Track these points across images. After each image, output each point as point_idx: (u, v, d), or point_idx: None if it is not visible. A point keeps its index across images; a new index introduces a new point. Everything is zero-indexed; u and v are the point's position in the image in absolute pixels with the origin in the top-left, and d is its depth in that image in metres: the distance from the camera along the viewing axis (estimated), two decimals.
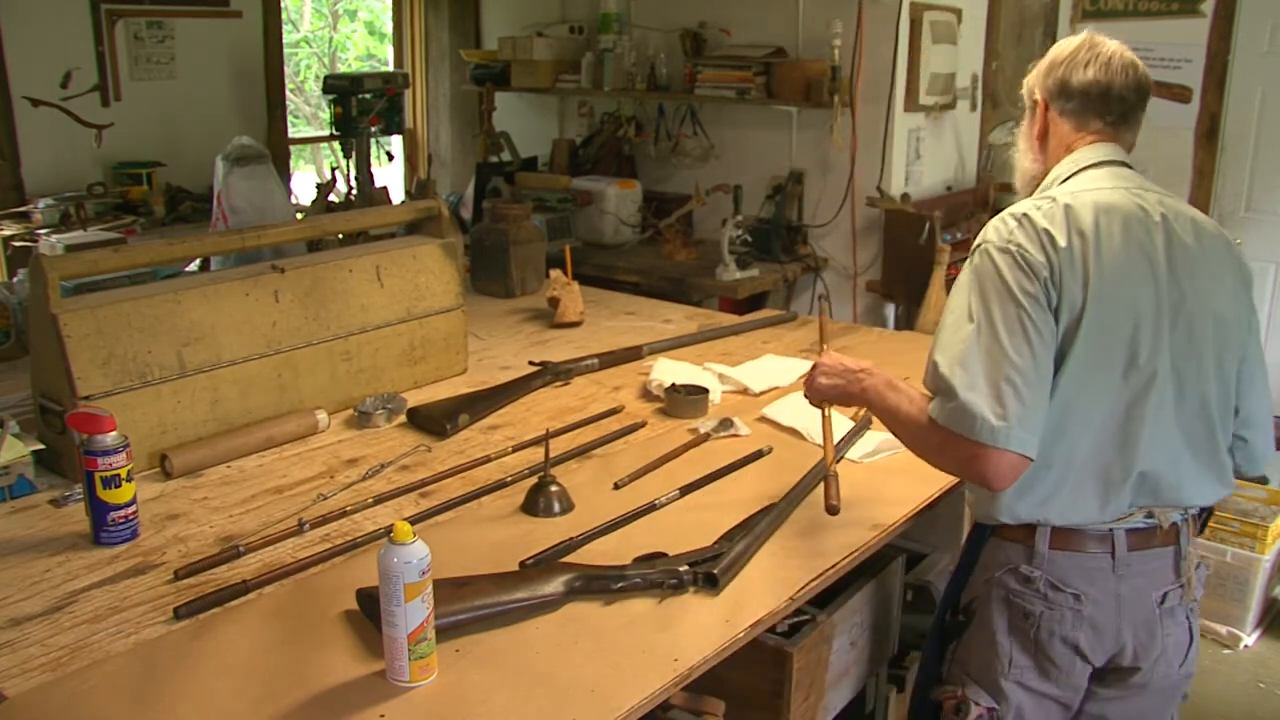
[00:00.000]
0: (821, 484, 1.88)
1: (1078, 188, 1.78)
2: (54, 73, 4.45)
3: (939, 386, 1.67)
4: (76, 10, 4.55)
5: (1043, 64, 1.90)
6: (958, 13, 4.75)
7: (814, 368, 1.97)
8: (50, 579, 1.68)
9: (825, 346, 2.09)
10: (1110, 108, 1.83)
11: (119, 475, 1.78)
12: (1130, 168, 1.84)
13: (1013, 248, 1.69)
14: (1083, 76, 1.82)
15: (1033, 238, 1.69)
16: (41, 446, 2.06)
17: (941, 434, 1.66)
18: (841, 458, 2.17)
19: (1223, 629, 3.66)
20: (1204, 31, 5.11)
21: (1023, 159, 1.96)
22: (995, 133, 4.97)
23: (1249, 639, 3.68)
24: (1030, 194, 1.89)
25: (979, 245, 1.75)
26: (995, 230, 1.74)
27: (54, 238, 3.88)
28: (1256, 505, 3.88)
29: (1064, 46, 1.87)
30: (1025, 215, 1.73)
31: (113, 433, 1.79)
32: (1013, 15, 5.22)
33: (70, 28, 4.55)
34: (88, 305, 2.04)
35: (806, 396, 2.00)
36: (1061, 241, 1.68)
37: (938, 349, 1.70)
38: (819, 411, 2.00)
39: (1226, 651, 3.64)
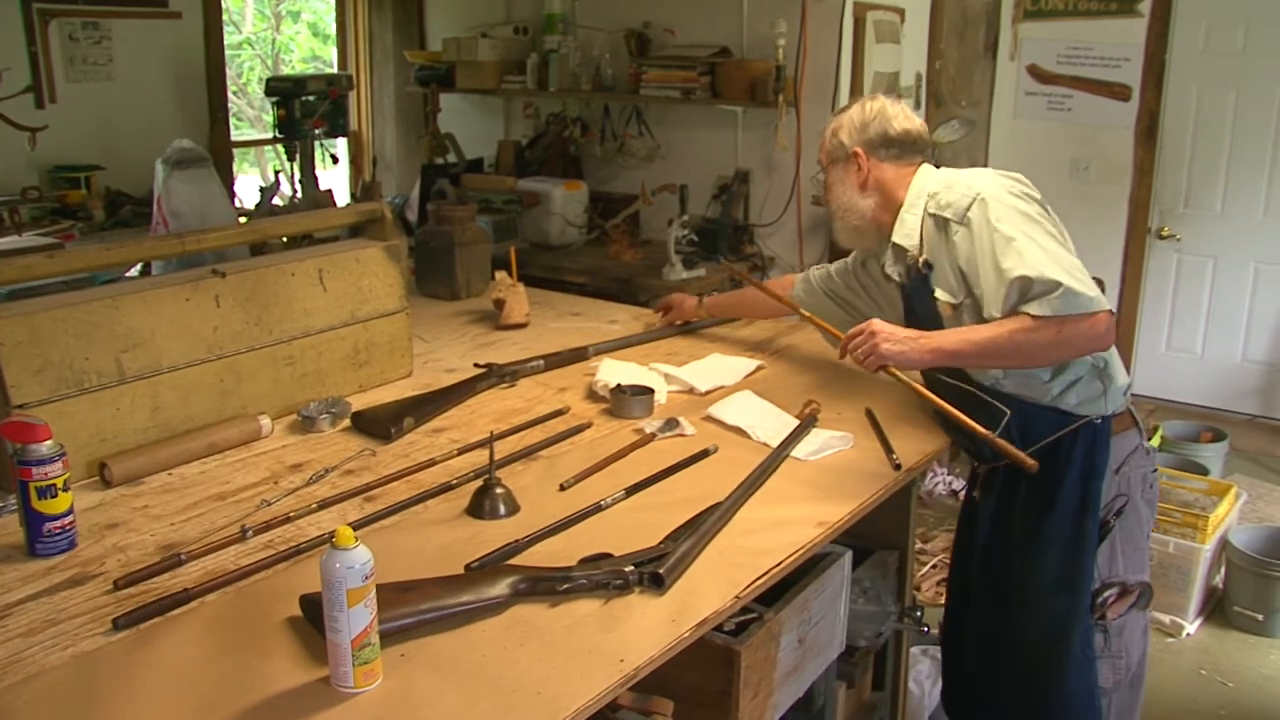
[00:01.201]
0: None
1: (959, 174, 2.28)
2: None
3: (1033, 290, 2.02)
4: (6, 10, 4.45)
5: (855, 123, 2.36)
6: (901, 12, 4.79)
7: (870, 335, 2.15)
8: None
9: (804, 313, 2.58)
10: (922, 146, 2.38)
11: (55, 485, 1.74)
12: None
13: (1014, 187, 2.15)
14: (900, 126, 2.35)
15: (1018, 178, 2.19)
16: None
17: (1057, 324, 2.01)
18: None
19: (1165, 618, 3.72)
20: (1142, 31, 5.21)
21: (860, 202, 2.38)
22: (940, 131, 5.01)
23: (1190, 628, 3.74)
24: (869, 232, 2.41)
25: (974, 200, 2.14)
26: (982, 183, 2.17)
27: None
28: (1197, 496, 3.95)
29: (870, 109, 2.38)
30: (998, 172, 2.22)
31: (48, 441, 1.75)
32: (955, 15, 5.27)
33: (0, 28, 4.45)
34: (21, 311, 2.00)
35: (863, 362, 2.16)
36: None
37: (1009, 269, 2.04)
38: (760, 411, 2.01)
39: (1169, 640, 3.70)
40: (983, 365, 2.19)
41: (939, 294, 2.24)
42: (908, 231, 2.30)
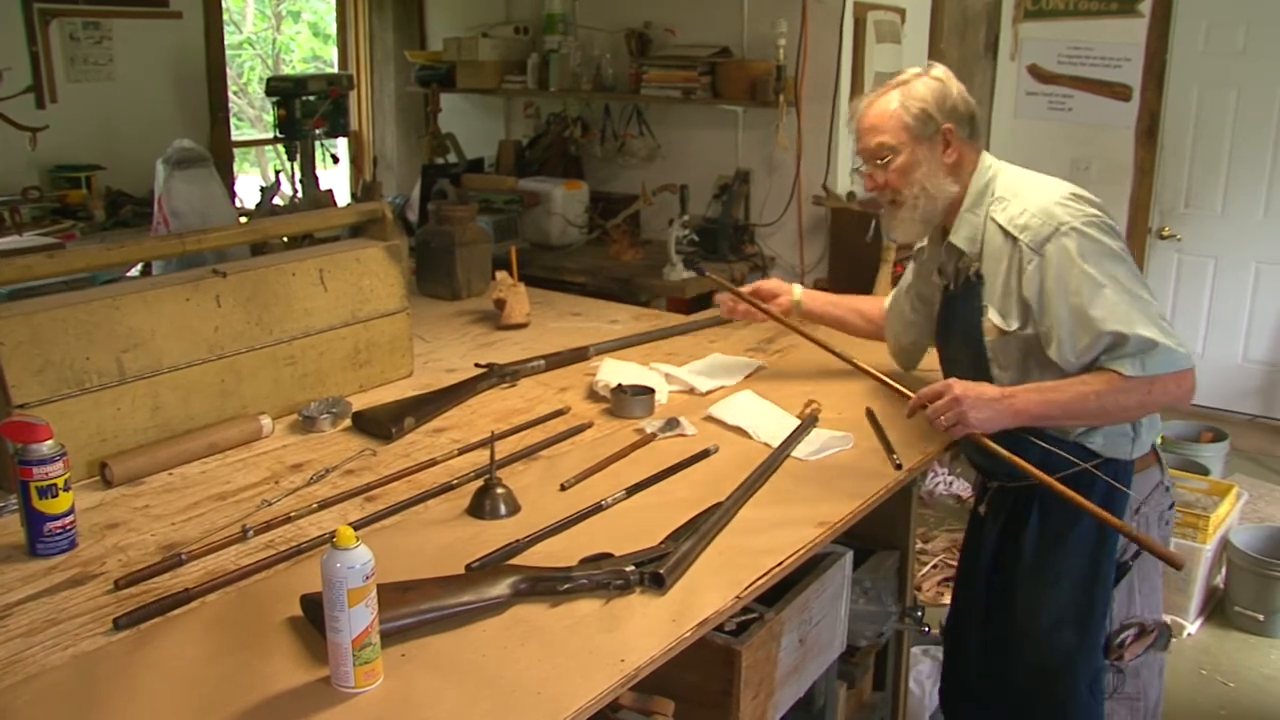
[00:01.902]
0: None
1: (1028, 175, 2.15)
2: None
3: (1126, 348, 1.93)
4: (7, 9, 4.45)
5: (938, 93, 2.14)
6: (901, 12, 4.79)
7: (954, 401, 2.00)
8: None
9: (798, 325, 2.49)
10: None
11: (55, 485, 1.74)
12: None
13: (1095, 216, 2.02)
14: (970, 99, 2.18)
15: (1099, 208, 2.05)
16: None
17: (1148, 384, 1.94)
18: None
19: (1166, 618, 3.71)
20: (1142, 31, 5.21)
21: (949, 188, 2.17)
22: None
23: (1191, 628, 3.74)
24: (941, 211, 2.19)
25: (1056, 231, 2.00)
26: (1065, 211, 2.02)
27: None
28: (1199, 496, 3.95)
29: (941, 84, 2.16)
30: (1075, 194, 2.06)
31: (49, 441, 1.75)
32: (956, 15, 5.27)
33: (0, 28, 4.45)
34: (22, 311, 2.00)
35: (948, 430, 2.03)
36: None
37: (1099, 319, 1.94)
38: (761, 411, 2.01)
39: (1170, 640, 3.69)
40: (1062, 425, 2.07)
41: (991, 315, 2.11)
42: (969, 235, 2.15)
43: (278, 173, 4.76)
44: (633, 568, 1.67)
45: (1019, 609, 2.23)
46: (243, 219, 4.13)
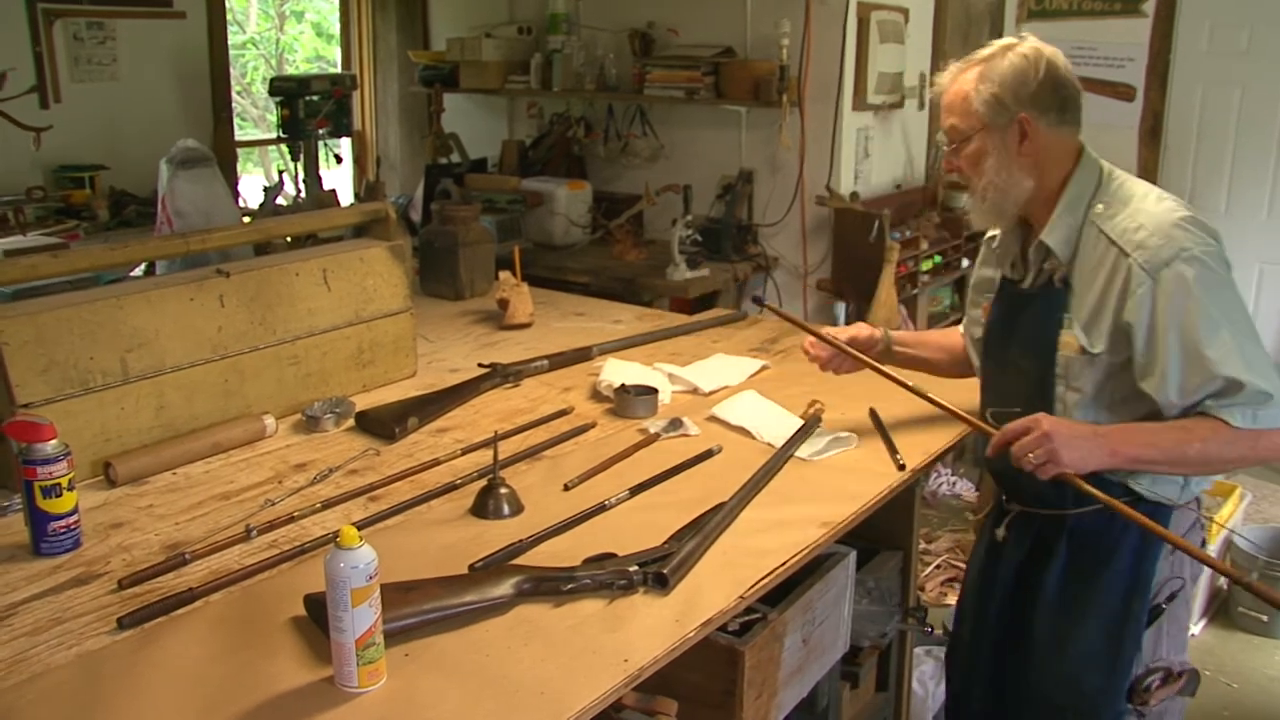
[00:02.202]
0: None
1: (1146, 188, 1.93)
2: None
3: (1240, 396, 1.77)
4: (11, 10, 4.46)
5: (1017, 76, 1.90)
6: (905, 12, 4.79)
7: (1045, 438, 1.80)
8: None
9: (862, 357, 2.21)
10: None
11: (60, 484, 1.75)
12: None
13: (1211, 246, 1.82)
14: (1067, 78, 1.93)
15: (1216, 237, 1.85)
16: None
17: (1254, 436, 1.77)
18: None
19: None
20: (1146, 31, 5.20)
21: (1023, 181, 1.95)
22: (942, 133, 5.01)
23: (1195, 628, 3.73)
24: (1009, 213, 1.99)
25: (1177, 256, 1.80)
26: (1187, 237, 1.81)
27: None
28: (1202, 496, 3.93)
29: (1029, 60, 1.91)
30: (1193, 217, 1.85)
31: (53, 441, 1.76)
32: (959, 15, 5.27)
33: (4, 28, 4.45)
34: (27, 311, 2.01)
35: (1037, 468, 1.82)
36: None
37: (1215, 361, 1.77)
38: (764, 411, 2.00)
39: None
40: (1155, 472, 1.89)
41: (1074, 331, 1.92)
42: (1064, 236, 1.93)
43: (281, 173, 4.76)
44: (636, 568, 1.67)
45: (1039, 645, 2.07)
46: (246, 219, 4.12)
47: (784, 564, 1.78)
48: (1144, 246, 1.82)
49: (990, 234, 2.19)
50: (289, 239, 3.23)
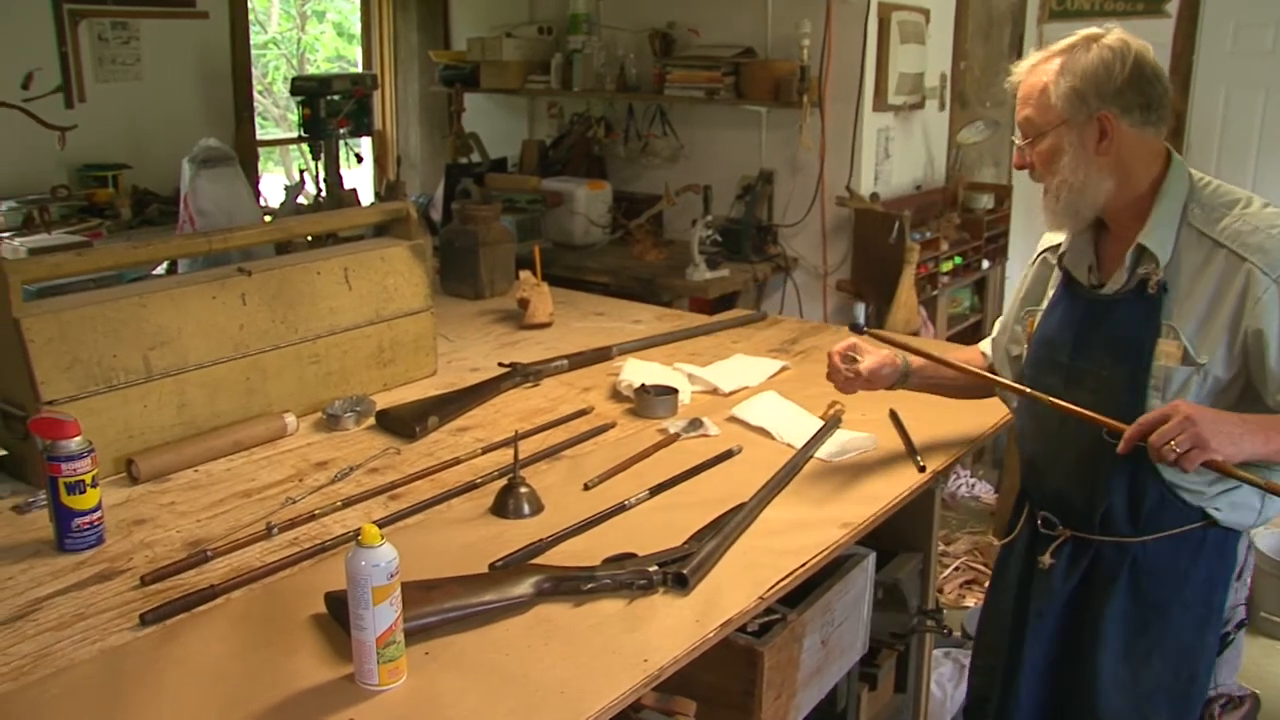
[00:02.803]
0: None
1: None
2: (14, 74, 4.40)
3: None
4: (37, 10, 4.49)
5: (1100, 71, 1.80)
6: (926, 13, 4.77)
7: (1187, 421, 1.64)
8: (13, 586, 1.66)
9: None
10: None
11: (84, 481, 1.76)
12: None
13: None
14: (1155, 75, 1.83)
15: None
16: (3, 452, 2.04)
17: None
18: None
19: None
20: (1169, 31, 5.17)
21: (1103, 182, 1.85)
22: (964, 132, 4.99)
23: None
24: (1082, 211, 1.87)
25: None
26: None
27: (17, 241, 3.83)
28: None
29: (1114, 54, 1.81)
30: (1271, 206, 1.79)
31: (77, 438, 1.77)
32: (980, 15, 5.25)
33: (31, 28, 4.48)
34: (51, 309, 2.02)
35: (1183, 456, 1.64)
36: None
37: None
38: (784, 412, 1.99)
39: None
40: None
41: (1179, 340, 1.79)
42: (1163, 239, 1.81)
43: (302, 172, 4.78)
44: (656, 568, 1.67)
45: (1104, 681, 1.93)
46: (267, 218, 4.14)
47: (804, 565, 1.78)
48: (1264, 250, 1.73)
49: (1045, 246, 2.08)
50: (310, 238, 3.24)
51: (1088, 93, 1.78)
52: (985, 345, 2.29)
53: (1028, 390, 1.92)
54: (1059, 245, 2.02)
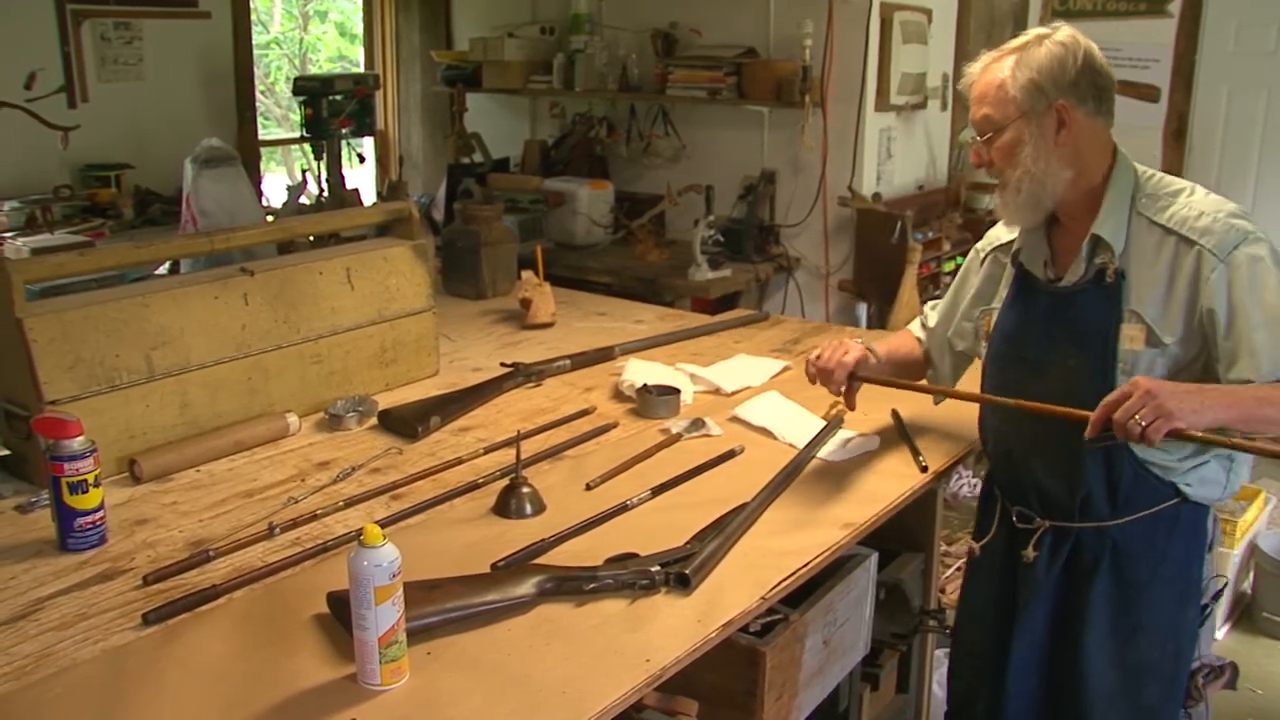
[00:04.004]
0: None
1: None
2: (17, 74, 4.40)
3: None
4: (40, 10, 4.50)
5: (1056, 64, 1.84)
6: (928, 13, 4.77)
7: (1147, 395, 1.66)
8: (15, 586, 1.67)
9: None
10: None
11: (86, 480, 1.76)
12: None
13: (1265, 236, 1.81)
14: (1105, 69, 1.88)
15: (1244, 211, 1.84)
16: (6, 452, 2.04)
17: None
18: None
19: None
20: (1171, 31, 5.16)
21: (1061, 172, 1.88)
22: (966, 132, 4.98)
23: (1219, 633, 3.71)
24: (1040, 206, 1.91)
25: (1245, 238, 1.79)
26: (1246, 222, 1.82)
27: (19, 241, 3.84)
28: (1226, 501, 3.91)
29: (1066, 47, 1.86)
30: (1241, 210, 1.84)
31: (80, 438, 1.77)
32: (983, 15, 5.25)
33: (34, 28, 4.49)
34: (54, 309, 2.02)
35: (1146, 429, 1.65)
36: None
37: None
38: (786, 412, 1.99)
39: None
40: (1270, 431, 1.74)
41: (1139, 324, 1.84)
42: (1115, 228, 1.87)
43: (304, 172, 4.78)
44: (658, 568, 1.67)
45: (1092, 664, 1.96)
46: (269, 218, 4.14)
47: (806, 565, 1.78)
48: (1210, 232, 1.79)
49: (993, 245, 2.12)
50: (312, 238, 3.25)
51: (1045, 84, 1.83)
52: (916, 328, 2.34)
53: (996, 399, 1.98)
54: (1011, 243, 2.07)
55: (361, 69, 6.29)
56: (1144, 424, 1.66)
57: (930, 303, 2.35)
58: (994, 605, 2.12)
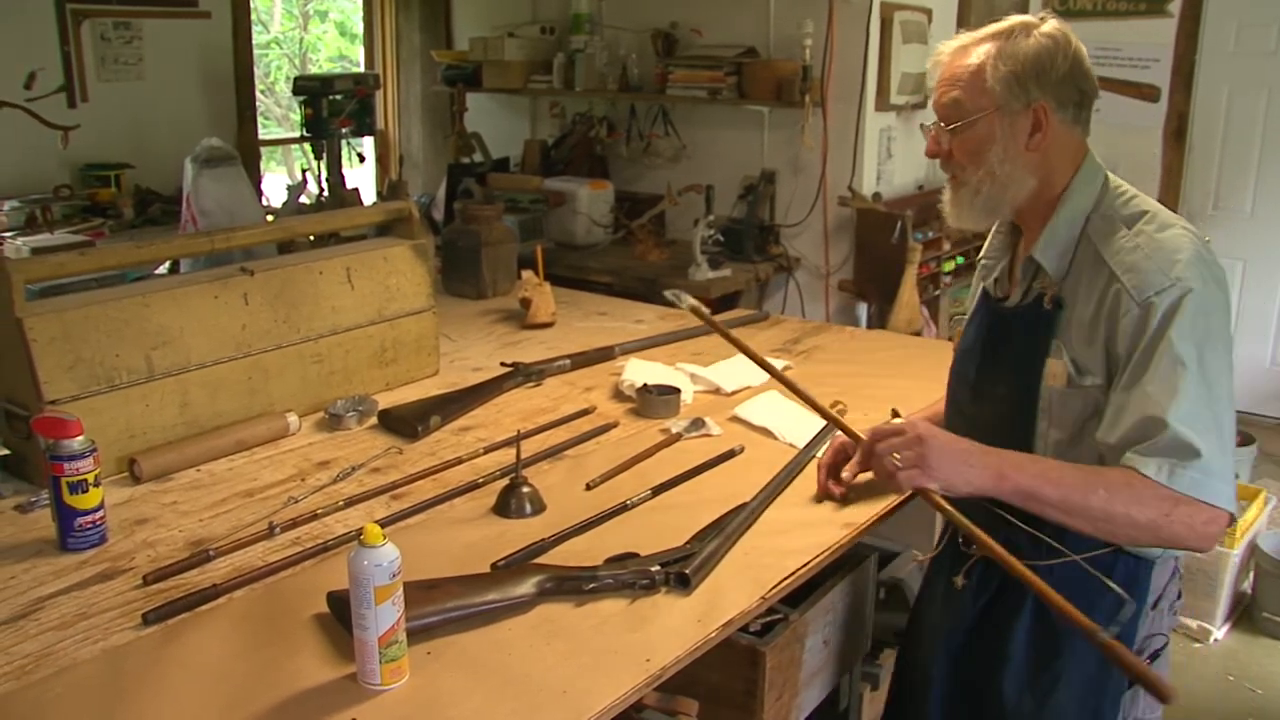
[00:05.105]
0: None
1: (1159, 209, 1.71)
2: (17, 73, 4.40)
3: (1161, 444, 1.53)
4: (40, 10, 4.50)
5: (1040, 60, 1.68)
6: (928, 12, 4.77)
7: (918, 440, 1.61)
8: (15, 585, 1.66)
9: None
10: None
11: (86, 480, 1.76)
12: None
13: (1214, 290, 1.60)
14: (1089, 71, 1.72)
15: (1221, 277, 1.63)
16: (6, 452, 2.04)
17: (1171, 501, 1.53)
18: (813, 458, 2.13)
19: (1193, 623, 3.70)
20: (1171, 31, 5.16)
21: (1026, 178, 1.73)
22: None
23: (1218, 633, 3.71)
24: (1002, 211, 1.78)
25: (1172, 289, 1.58)
26: (1188, 269, 1.59)
27: (19, 240, 3.84)
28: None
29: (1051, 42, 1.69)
30: (1200, 253, 1.62)
31: (80, 437, 1.77)
32: (983, 15, 5.24)
33: (34, 28, 4.49)
34: (54, 309, 2.02)
35: (896, 474, 1.63)
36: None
37: (1152, 397, 1.55)
38: (787, 412, 1.97)
39: (1196, 645, 3.67)
40: (1046, 514, 1.61)
41: (1064, 358, 1.68)
42: (1061, 250, 1.71)
43: (304, 171, 4.78)
44: (658, 568, 1.67)
45: (1009, 711, 1.79)
46: (269, 217, 4.14)
47: (806, 565, 1.77)
48: (1136, 270, 1.61)
49: (986, 256, 1.95)
50: (312, 238, 3.25)
51: (1029, 80, 1.67)
52: None
53: (775, 371, 1.94)
54: None
55: (362, 69, 6.29)
56: (899, 466, 1.61)
57: None
58: (927, 624, 2.01)
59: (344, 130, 4.70)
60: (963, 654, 1.88)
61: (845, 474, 1.99)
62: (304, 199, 4.62)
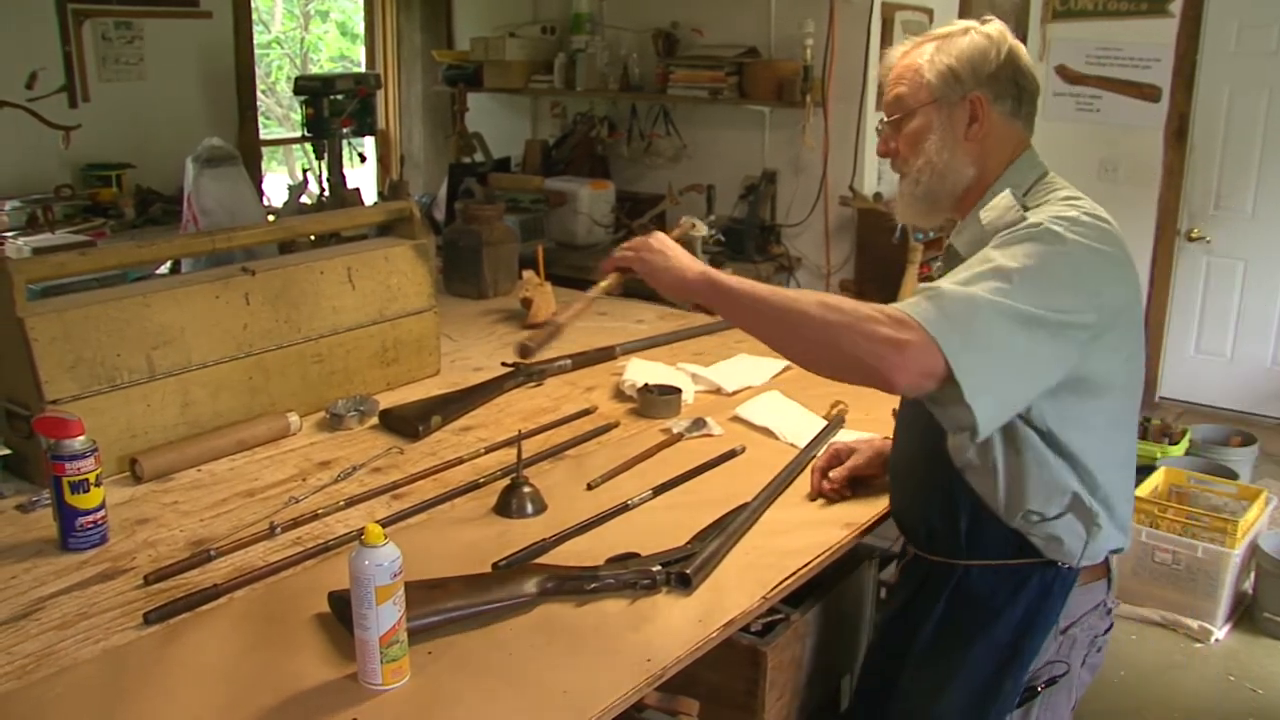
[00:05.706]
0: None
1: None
2: (18, 73, 4.41)
3: (924, 292, 1.51)
4: (41, 10, 4.50)
5: (976, 53, 1.71)
6: (929, 12, 4.77)
7: (643, 240, 1.72)
8: (16, 585, 1.67)
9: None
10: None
11: (87, 480, 1.76)
12: None
13: (1079, 241, 1.55)
14: (1029, 67, 1.74)
15: (1107, 237, 1.59)
16: (7, 451, 2.04)
17: (867, 316, 1.46)
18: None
19: (1194, 623, 3.69)
20: (1172, 31, 5.16)
21: (963, 169, 1.74)
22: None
23: (1219, 633, 3.71)
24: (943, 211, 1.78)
25: (1023, 221, 1.59)
26: (1054, 218, 1.57)
27: (21, 240, 3.84)
28: (1227, 500, 3.92)
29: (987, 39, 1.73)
30: (1083, 216, 1.59)
31: (81, 437, 1.77)
32: (983, 14, 5.24)
33: (35, 28, 4.49)
34: (55, 309, 2.02)
35: (616, 259, 1.76)
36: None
37: (944, 282, 1.52)
38: (788, 412, 1.97)
39: (1197, 645, 3.67)
40: (744, 323, 1.63)
41: None
42: (974, 238, 1.69)
43: (305, 171, 4.78)
44: (659, 567, 1.67)
45: (905, 699, 1.81)
46: (270, 217, 4.14)
47: (807, 565, 1.77)
48: (1000, 226, 1.62)
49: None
50: (313, 237, 3.25)
51: (963, 73, 1.70)
52: None
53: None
54: None
55: (363, 68, 6.29)
56: (632, 251, 1.73)
57: None
58: (876, 620, 2.05)
59: (345, 130, 4.69)
60: (879, 646, 1.93)
61: (834, 474, 2.01)
62: (305, 199, 4.62)
